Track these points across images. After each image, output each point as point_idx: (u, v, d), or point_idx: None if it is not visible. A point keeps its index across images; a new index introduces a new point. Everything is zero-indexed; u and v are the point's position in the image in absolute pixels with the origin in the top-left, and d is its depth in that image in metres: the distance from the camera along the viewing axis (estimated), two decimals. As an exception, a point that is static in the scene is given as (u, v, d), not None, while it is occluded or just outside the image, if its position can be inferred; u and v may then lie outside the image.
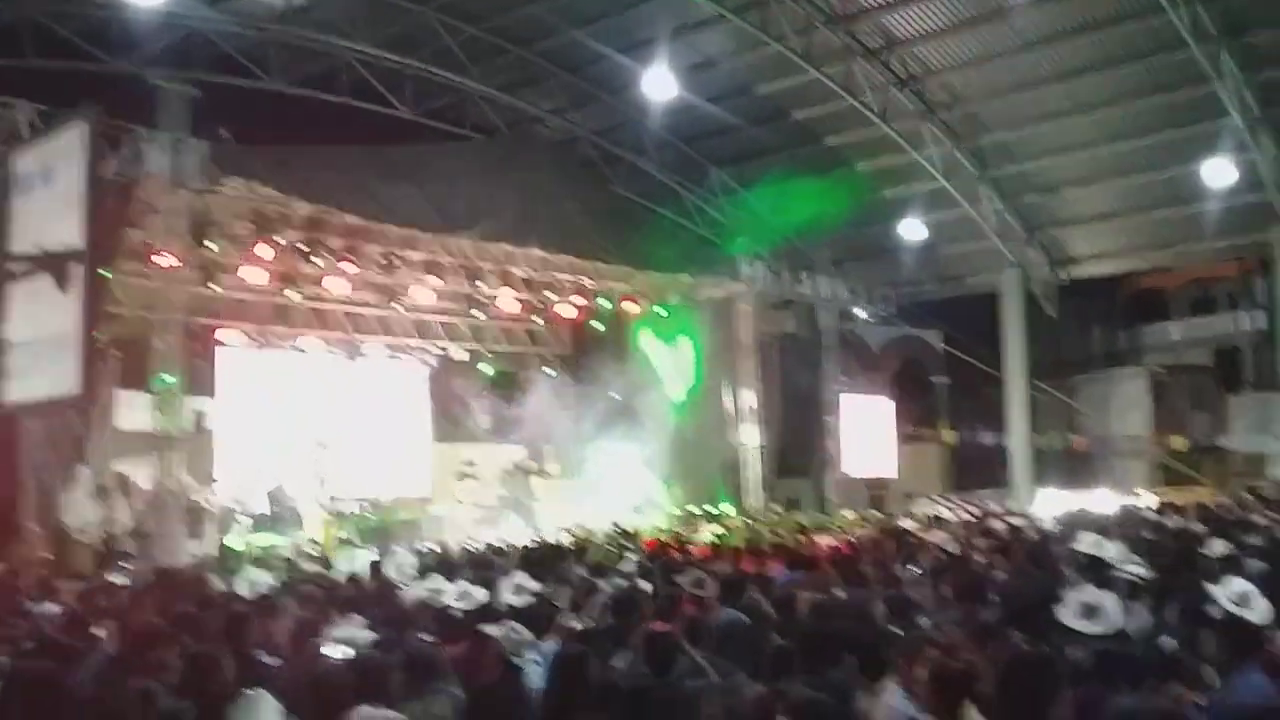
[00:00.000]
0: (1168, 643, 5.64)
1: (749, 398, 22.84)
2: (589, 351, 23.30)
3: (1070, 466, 29.58)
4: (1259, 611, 5.66)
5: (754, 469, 22.63)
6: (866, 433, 26.25)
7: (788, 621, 6.54)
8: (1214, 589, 6.01)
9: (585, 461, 20.66)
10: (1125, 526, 12.67)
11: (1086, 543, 8.22)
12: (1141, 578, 7.23)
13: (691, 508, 20.35)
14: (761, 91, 22.32)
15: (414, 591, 7.73)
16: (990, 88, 21.53)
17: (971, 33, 20.34)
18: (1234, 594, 5.77)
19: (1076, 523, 13.54)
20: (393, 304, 20.55)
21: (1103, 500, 22.74)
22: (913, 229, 23.73)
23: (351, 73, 20.15)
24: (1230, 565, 7.69)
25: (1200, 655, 5.24)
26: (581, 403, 20.82)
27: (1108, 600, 6.12)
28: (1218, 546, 8.63)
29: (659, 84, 19.07)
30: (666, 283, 21.97)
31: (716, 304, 22.94)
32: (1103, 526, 12.37)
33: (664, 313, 22.90)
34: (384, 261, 18.34)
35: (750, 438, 22.79)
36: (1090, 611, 6.09)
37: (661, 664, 5.27)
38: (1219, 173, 20.07)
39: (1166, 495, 23.88)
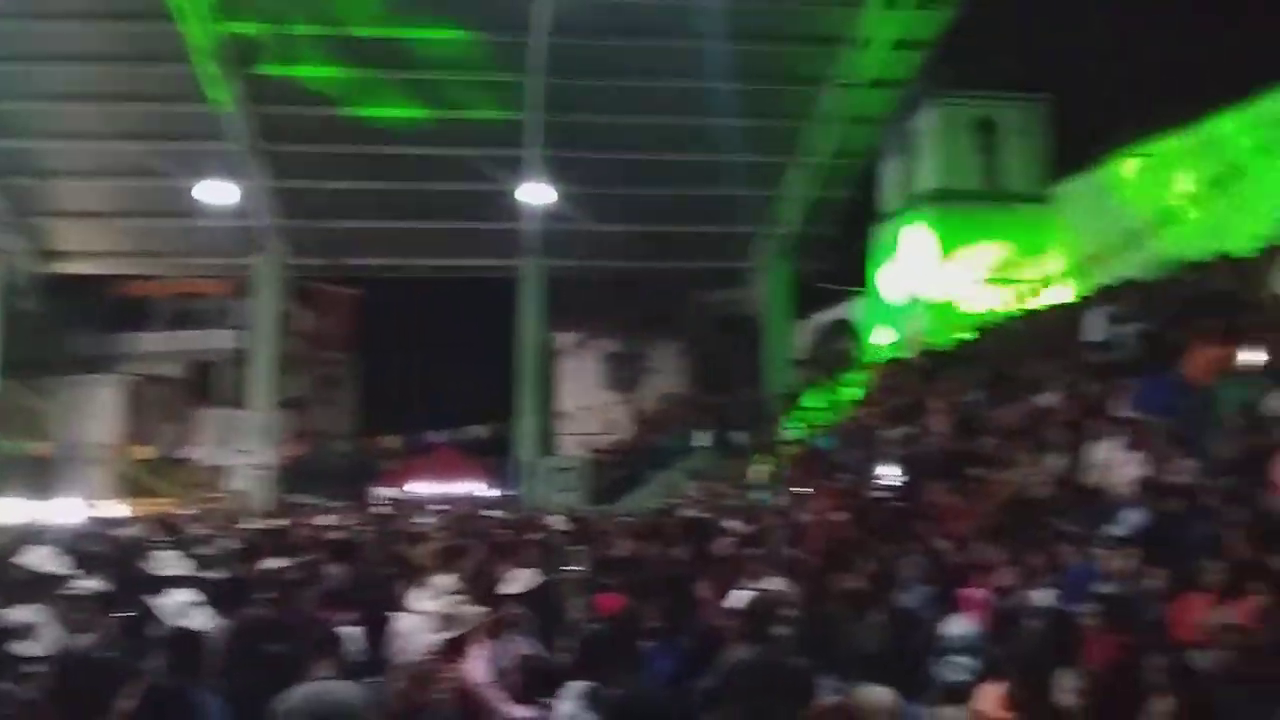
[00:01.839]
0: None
1: None
2: None
3: (34, 473, 28.13)
4: (198, 621, 5.81)
5: None
6: None
7: None
8: (158, 602, 6.01)
9: None
10: (80, 539, 12.17)
11: (34, 557, 7.59)
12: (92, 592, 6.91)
13: None
14: None
15: None
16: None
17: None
18: (175, 606, 5.84)
19: (27, 535, 12.58)
20: None
21: (66, 510, 21.83)
22: None
23: None
24: (179, 579, 7.76)
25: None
26: None
27: (44, 620, 5.75)
28: (168, 559, 8.67)
29: None
30: None
31: None
32: (57, 539, 11.72)
33: None
34: None
35: None
36: (27, 632, 5.73)
37: None
38: (214, 193, 20.90)
39: (131, 505, 23.99)
